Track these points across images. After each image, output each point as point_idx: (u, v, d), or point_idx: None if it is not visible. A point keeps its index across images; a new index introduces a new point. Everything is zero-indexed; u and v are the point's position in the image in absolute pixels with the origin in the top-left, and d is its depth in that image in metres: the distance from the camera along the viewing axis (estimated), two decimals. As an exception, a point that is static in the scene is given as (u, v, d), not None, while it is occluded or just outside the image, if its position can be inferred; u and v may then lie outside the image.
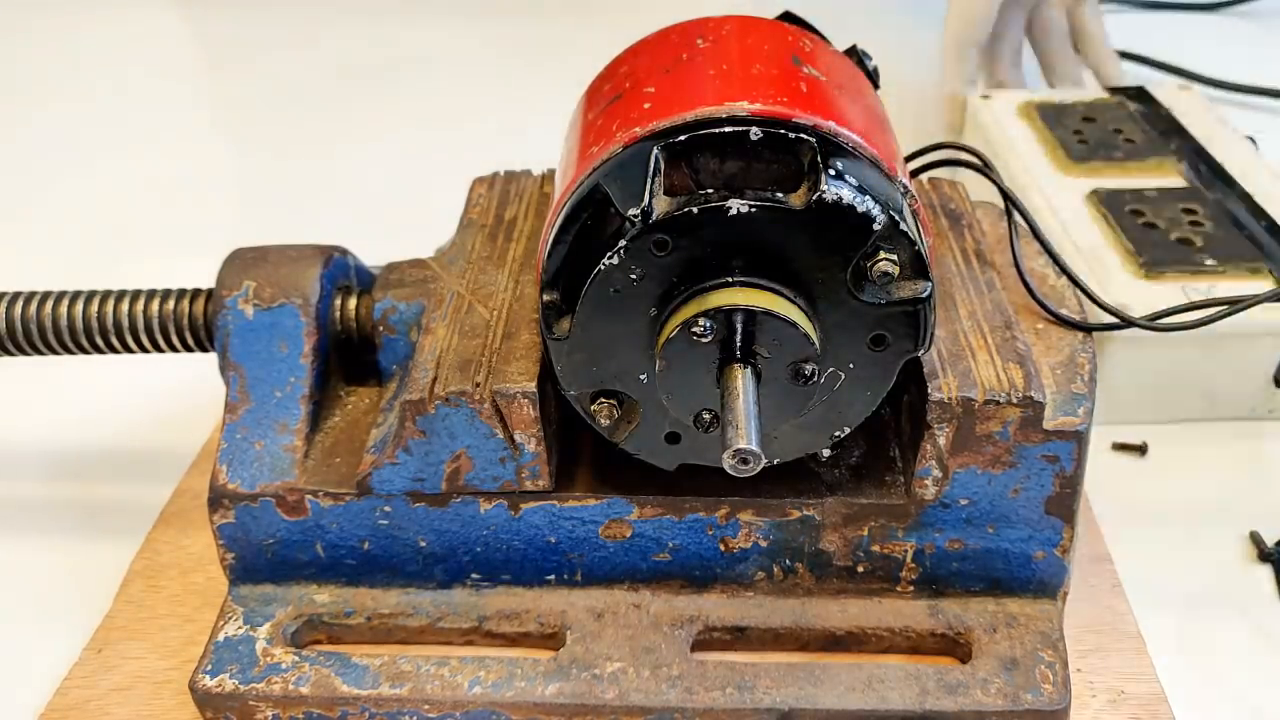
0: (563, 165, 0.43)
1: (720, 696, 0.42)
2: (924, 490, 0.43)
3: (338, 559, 0.46)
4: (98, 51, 1.08)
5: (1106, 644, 0.46)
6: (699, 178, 0.37)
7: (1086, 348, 0.44)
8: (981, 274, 0.46)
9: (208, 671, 0.43)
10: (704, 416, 0.40)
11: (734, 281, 0.37)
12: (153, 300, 0.48)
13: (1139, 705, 0.43)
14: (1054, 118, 0.74)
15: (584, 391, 0.40)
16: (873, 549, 0.44)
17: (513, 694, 0.42)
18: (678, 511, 0.44)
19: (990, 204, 0.52)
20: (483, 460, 0.43)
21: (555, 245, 0.39)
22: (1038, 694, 0.42)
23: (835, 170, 0.36)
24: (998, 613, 0.45)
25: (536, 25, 1.09)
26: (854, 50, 0.46)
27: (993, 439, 0.41)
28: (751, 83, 0.38)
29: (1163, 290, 0.56)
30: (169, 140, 0.93)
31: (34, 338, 0.49)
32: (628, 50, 0.45)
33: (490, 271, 0.47)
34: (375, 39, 1.08)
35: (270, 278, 0.46)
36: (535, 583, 0.46)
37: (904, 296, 0.38)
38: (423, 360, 0.43)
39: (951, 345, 0.43)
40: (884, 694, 0.42)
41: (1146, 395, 0.58)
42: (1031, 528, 0.43)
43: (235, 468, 0.45)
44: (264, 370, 0.46)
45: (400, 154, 0.89)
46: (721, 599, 0.45)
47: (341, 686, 0.43)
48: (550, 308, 0.39)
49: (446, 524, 0.45)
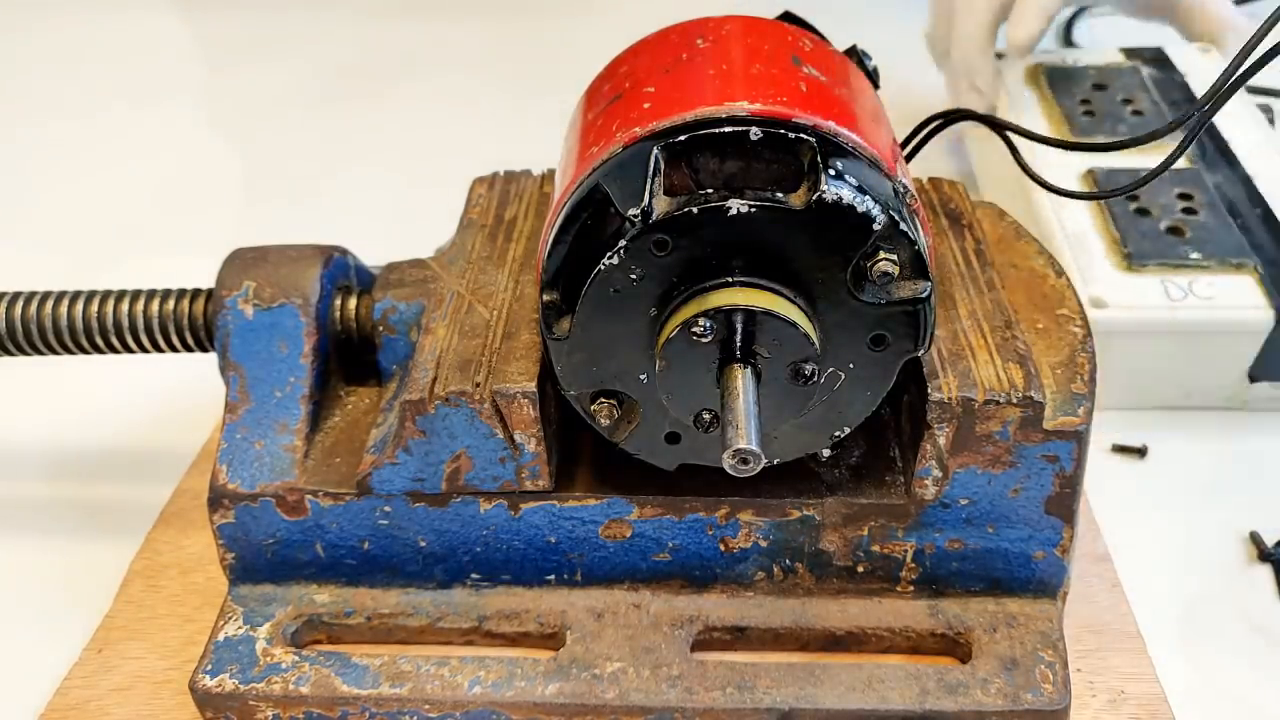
0: (563, 165, 0.43)
1: (720, 696, 0.42)
2: (924, 490, 0.43)
3: (338, 559, 0.46)
4: (98, 52, 1.08)
5: (1106, 644, 0.46)
6: (699, 178, 0.37)
7: (1086, 347, 0.44)
8: (981, 274, 0.46)
9: (208, 671, 0.43)
10: (704, 416, 0.40)
11: (734, 281, 0.37)
12: (153, 300, 0.48)
13: (1139, 705, 0.43)
14: (1063, 85, 0.70)
15: (584, 391, 0.40)
16: (873, 549, 0.44)
17: (513, 694, 0.42)
18: (678, 511, 0.44)
19: (990, 204, 0.52)
20: (483, 460, 0.43)
21: (555, 245, 0.39)
22: (1038, 694, 0.42)
23: (835, 170, 0.36)
24: (998, 613, 0.45)
25: (537, 25, 1.09)
26: (854, 50, 0.46)
27: (993, 439, 0.41)
28: (751, 83, 0.38)
29: (1143, 283, 0.56)
30: (170, 140, 0.93)
31: (34, 338, 0.49)
32: (628, 50, 0.45)
33: (490, 271, 0.47)
34: (375, 39, 1.08)
35: (270, 278, 0.46)
36: (535, 583, 0.46)
37: (904, 296, 0.38)
38: (423, 360, 0.43)
39: (951, 345, 0.43)
40: (884, 694, 0.42)
41: (1129, 383, 0.58)
42: (1031, 528, 0.43)
43: (235, 468, 0.45)
44: (264, 370, 0.46)
45: (400, 154, 0.89)
46: (721, 599, 0.45)
47: (341, 686, 0.43)
48: (550, 308, 0.39)
49: (446, 524, 0.45)
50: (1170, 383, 0.58)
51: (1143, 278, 0.57)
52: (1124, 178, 0.61)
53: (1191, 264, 0.57)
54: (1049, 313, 0.46)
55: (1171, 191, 0.62)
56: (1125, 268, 0.57)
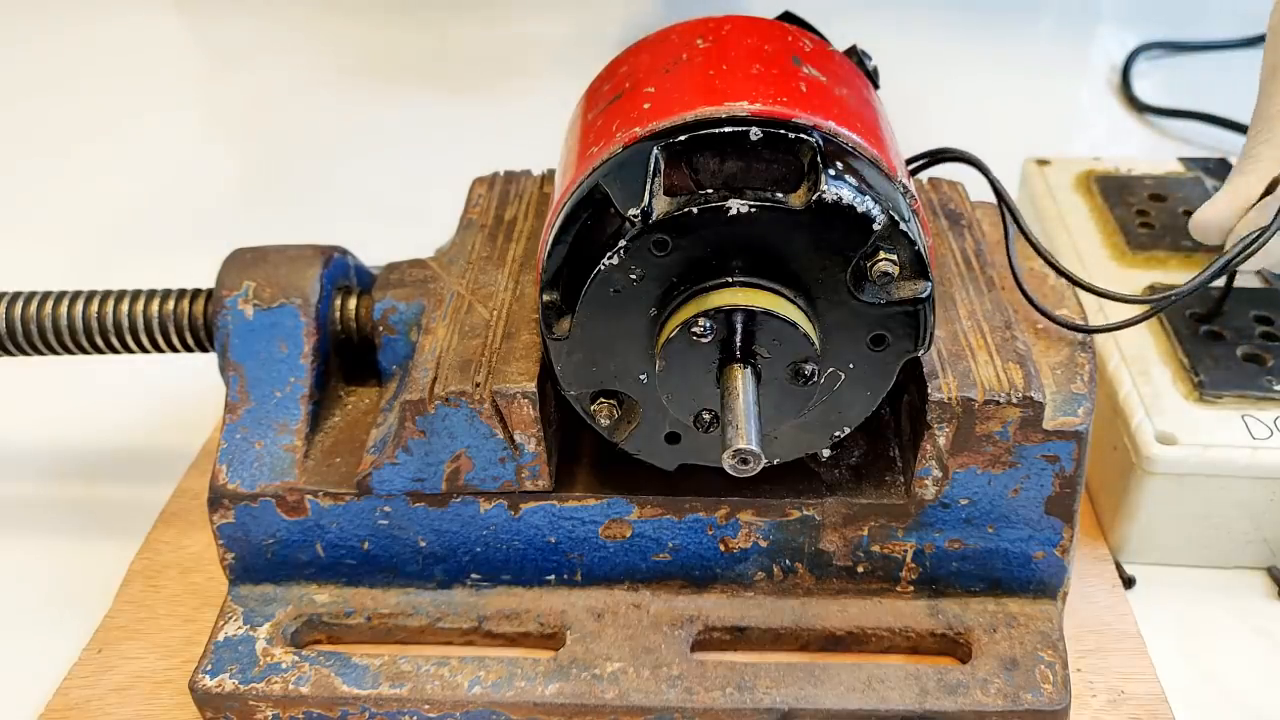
0: (562, 165, 0.43)
1: (720, 696, 0.42)
2: (924, 490, 0.43)
3: (338, 559, 0.46)
4: (98, 52, 1.08)
5: (1106, 644, 0.46)
6: (699, 178, 0.37)
7: (1086, 348, 0.44)
8: (981, 274, 0.46)
9: (208, 671, 0.43)
10: (704, 416, 0.40)
11: (734, 281, 0.37)
12: (153, 300, 0.48)
13: (1139, 705, 0.43)
14: (1116, 193, 0.63)
15: (584, 391, 0.40)
16: (873, 549, 0.44)
17: (513, 694, 0.42)
18: (678, 511, 0.44)
19: (990, 204, 0.52)
20: (483, 460, 0.43)
21: (555, 245, 0.39)
22: (1038, 694, 0.42)
23: (835, 170, 0.36)
24: (998, 613, 0.45)
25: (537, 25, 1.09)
26: (854, 50, 0.46)
27: (993, 439, 0.41)
28: (751, 83, 0.38)
29: (1220, 418, 0.48)
30: (169, 140, 0.93)
31: (34, 338, 0.49)
32: (628, 50, 0.45)
33: (490, 271, 0.47)
34: (375, 39, 1.08)
35: (270, 278, 0.46)
36: (535, 583, 0.46)
37: (904, 296, 0.38)
38: (423, 360, 0.43)
39: (951, 345, 0.43)
40: (884, 694, 0.42)
41: (1191, 534, 0.50)
42: (1031, 528, 0.43)
43: (235, 468, 0.45)
44: (264, 370, 0.46)
45: (400, 154, 0.89)
46: (721, 599, 0.45)
47: (341, 686, 0.43)
48: (550, 308, 0.39)
49: (446, 524, 0.45)
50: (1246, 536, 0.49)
51: (1219, 411, 0.49)
52: (1190, 300, 0.51)
53: (1275, 396, 0.49)
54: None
55: (1247, 314, 0.54)
56: (1197, 399, 0.49)
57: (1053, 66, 1.00)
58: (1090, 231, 0.61)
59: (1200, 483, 0.48)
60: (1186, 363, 0.51)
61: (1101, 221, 0.62)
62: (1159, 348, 0.52)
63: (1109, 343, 0.53)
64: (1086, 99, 0.93)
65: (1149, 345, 0.53)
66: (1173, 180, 0.65)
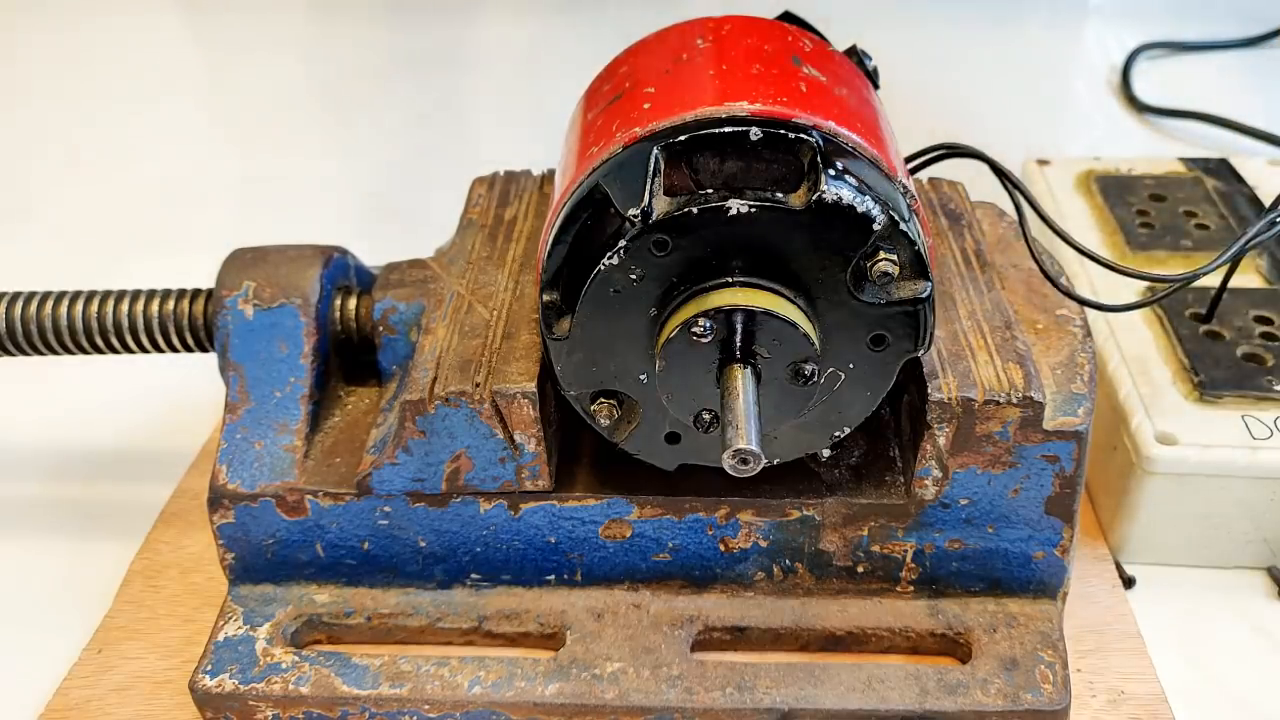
0: (562, 165, 0.43)
1: (720, 696, 0.42)
2: (924, 490, 0.43)
3: (338, 559, 0.46)
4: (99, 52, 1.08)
5: (1106, 644, 0.46)
6: (699, 178, 0.37)
7: (1086, 348, 0.44)
8: (981, 274, 0.46)
9: (208, 671, 0.43)
10: (704, 416, 0.40)
11: (734, 282, 0.37)
12: (153, 300, 0.49)
13: (1139, 705, 0.43)
14: (1117, 193, 0.63)
15: (584, 391, 0.40)
16: (873, 549, 0.44)
17: (513, 694, 0.42)
18: (678, 511, 0.44)
19: (990, 204, 0.52)
20: (483, 460, 0.43)
21: (555, 245, 0.39)
22: (1038, 694, 0.42)
23: (835, 170, 0.36)
24: (998, 613, 0.45)
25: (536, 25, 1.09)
26: (854, 50, 0.46)
27: (993, 439, 0.41)
28: (751, 83, 0.38)
29: (1220, 418, 0.48)
30: (169, 140, 0.93)
31: (34, 338, 0.49)
32: (628, 50, 0.45)
33: (490, 271, 0.47)
34: (375, 39, 1.08)
35: (270, 278, 0.46)
36: (535, 583, 0.46)
37: (904, 296, 0.38)
38: (423, 360, 0.43)
39: (951, 345, 0.43)
40: (884, 694, 0.42)
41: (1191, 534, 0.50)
42: (1031, 528, 0.43)
43: (235, 468, 0.45)
44: (264, 370, 0.46)
45: (400, 154, 0.89)
46: (721, 599, 0.45)
47: (341, 686, 0.43)
48: (550, 308, 0.39)
49: (446, 524, 0.45)
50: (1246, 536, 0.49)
51: (1219, 411, 0.49)
52: (1190, 300, 0.54)
53: (1275, 396, 0.49)
54: (1049, 313, 0.46)
55: (1248, 314, 0.54)
56: (1197, 399, 0.49)
57: (1053, 66, 1.00)
58: (1090, 231, 0.61)
59: (1200, 483, 0.48)
60: (1186, 363, 0.51)
61: (1102, 221, 0.62)
62: (1159, 348, 0.52)
63: (1109, 343, 0.53)
64: (1087, 99, 0.93)
65: (1149, 345, 0.53)
66: (1173, 180, 0.65)
